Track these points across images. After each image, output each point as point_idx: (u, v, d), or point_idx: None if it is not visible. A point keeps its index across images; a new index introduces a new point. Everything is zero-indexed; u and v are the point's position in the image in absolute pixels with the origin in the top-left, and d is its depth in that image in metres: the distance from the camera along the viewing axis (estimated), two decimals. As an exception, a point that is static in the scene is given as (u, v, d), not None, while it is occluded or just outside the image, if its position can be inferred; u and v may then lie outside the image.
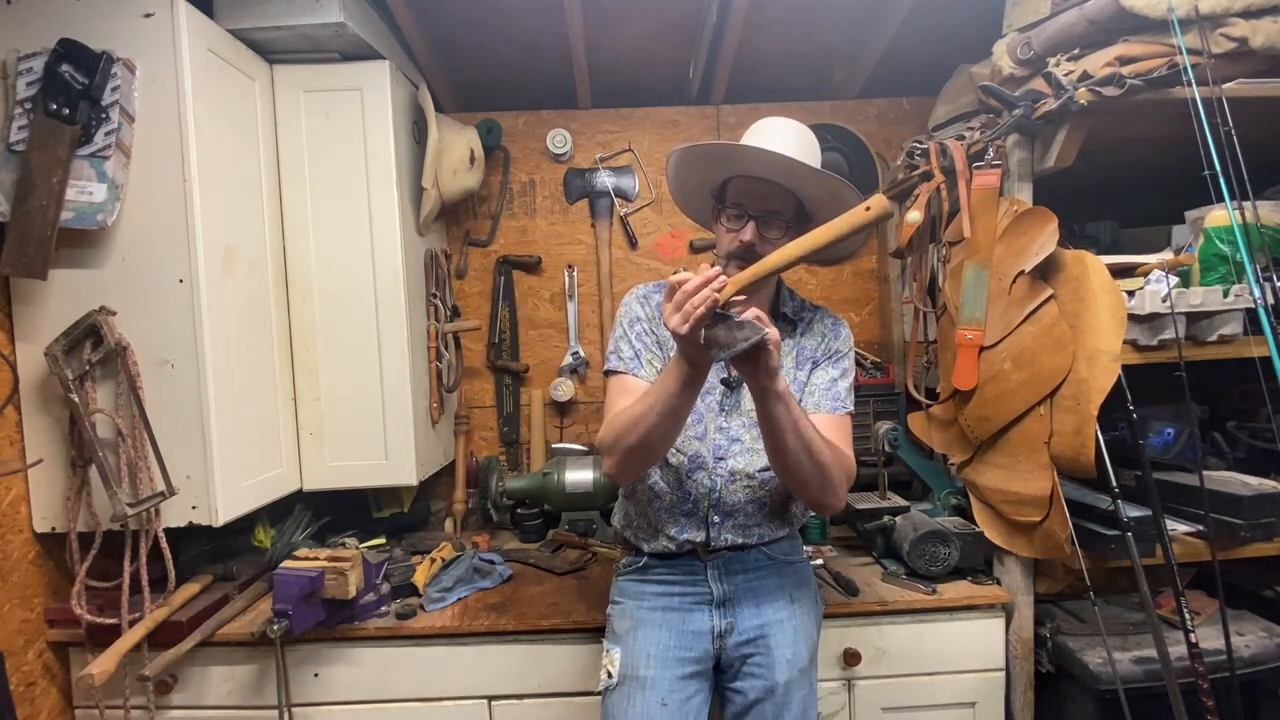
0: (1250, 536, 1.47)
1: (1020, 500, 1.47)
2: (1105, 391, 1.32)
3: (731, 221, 1.24)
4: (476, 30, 1.88)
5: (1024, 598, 1.56)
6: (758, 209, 1.22)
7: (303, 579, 1.42)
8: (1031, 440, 1.44)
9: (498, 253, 2.27)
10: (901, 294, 2.09)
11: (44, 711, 1.49)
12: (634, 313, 1.34)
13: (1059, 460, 1.40)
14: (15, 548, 1.45)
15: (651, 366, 1.28)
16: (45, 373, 1.42)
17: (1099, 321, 1.34)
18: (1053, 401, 1.41)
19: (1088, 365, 1.34)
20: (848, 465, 1.22)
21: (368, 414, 1.80)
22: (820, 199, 1.25)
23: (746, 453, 1.27)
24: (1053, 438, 1.40)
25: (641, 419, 1.12)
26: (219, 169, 1.51)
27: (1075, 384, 1.36)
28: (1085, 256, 1.38)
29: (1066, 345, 1.37)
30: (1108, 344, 1.32)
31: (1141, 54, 1.34)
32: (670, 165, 1.34)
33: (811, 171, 1.19)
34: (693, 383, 1.06)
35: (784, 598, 1.30)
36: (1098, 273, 1.35)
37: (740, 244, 1.21)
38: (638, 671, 1.25)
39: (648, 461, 1.20)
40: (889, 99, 2.26)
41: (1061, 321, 1.39)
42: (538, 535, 2.05)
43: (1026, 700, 1.58)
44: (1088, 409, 1.34)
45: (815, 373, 1.31)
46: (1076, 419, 1.36)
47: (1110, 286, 1.35)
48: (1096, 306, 1.34)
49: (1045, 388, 1.41)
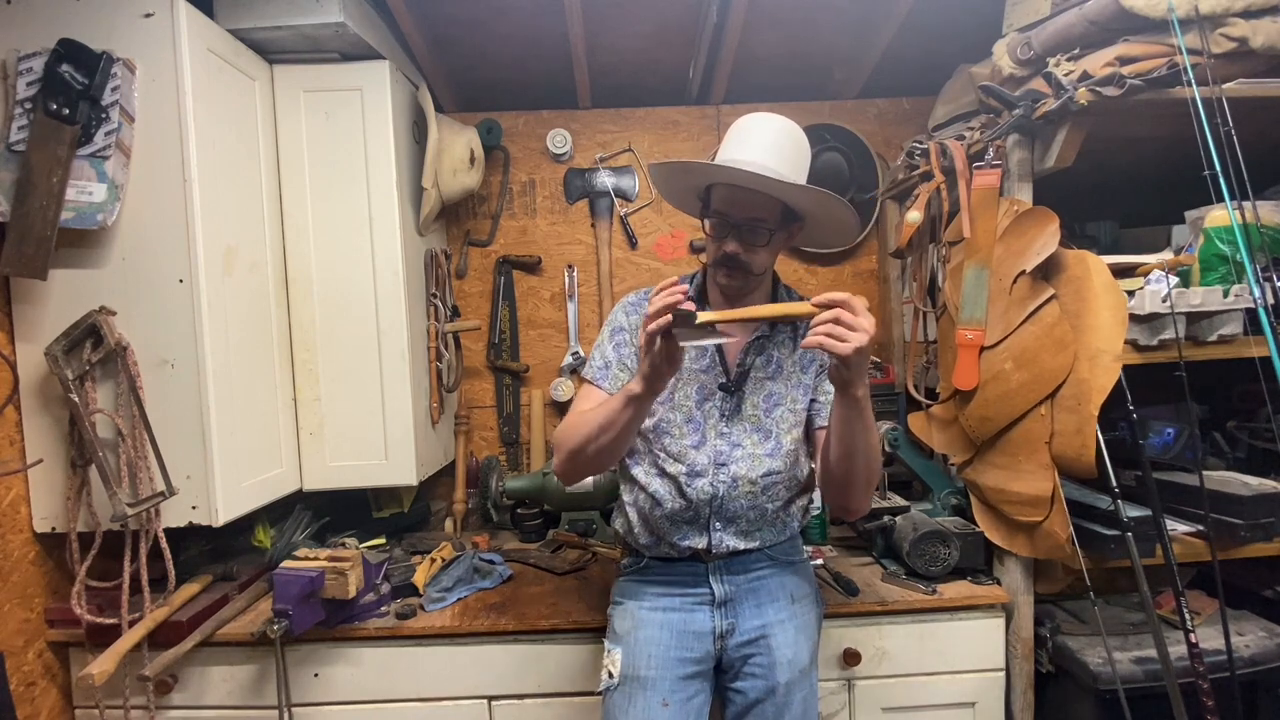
0: (1250, 536, 1.47)
1: (1021, 500, 1.47)
2: (1106, 391, 1.32)
3: (715, 231, 1.23)
4: (476, 30, 1.88)
5: (1024, 598, 1.56)
6: (740, 217, 1.20)
7: (303, 579, 1.42)
8: (1033, 440, 1.44)
9: (498, 253, 2.27)
10: (901, 294, 2.09)
11: (44, 711, 1.49)
12: (617, 321, 1.34)
13: (1060, 460, 1.40)
14: (15, 548, 1.45)
15: (619, 379, 1.29)
16: (45, 373, 1.42)
17: (1100, 321, 1.34)
18: (1054, 401, 1.41)
19: (1089, 365, 1.34)
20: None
21: (368, 414, 1.80)
22: (805, 204, 1.23)
23: (748, 458, 1.27)
24: (1054, 438, 1.40)
25: (583, 425, 1.18)
26: (219, 169, 1.51)
27: (1076, 384, 1.36)
28: (1087, 256, 1.38)
29: (1068, 345, 1.37)
30: (1109, 344, 1.32)
31: (1141, 54, 1.34)
32: (651, 175, 1.34)
33: (784, 186, 1.16)
34: (637, 401, 1.11)
35: (785, 598, 1.30)
36: (1099, 273, 1.35)
37: (724, 254, 1.21)
38: (639, 672, 1.25)
39: (587, 469, 1.25)
40: (889, 99, 2.26)
41: (1063, 321, 1.39)
42: (538, 535, 2.05)
43: (1026, 700, 1.58)
44: (1088, 409, 1.34)
45: (824, 381, 1.30)
46: (1077, 419, 1.36)
47: (1112, 286, 1.35)
48: (1098, 306, 1.34)
49: (1047, 388, 1.41)
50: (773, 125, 1.22)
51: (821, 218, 1.26)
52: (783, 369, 1.29)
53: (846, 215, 1.24)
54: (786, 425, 1.28)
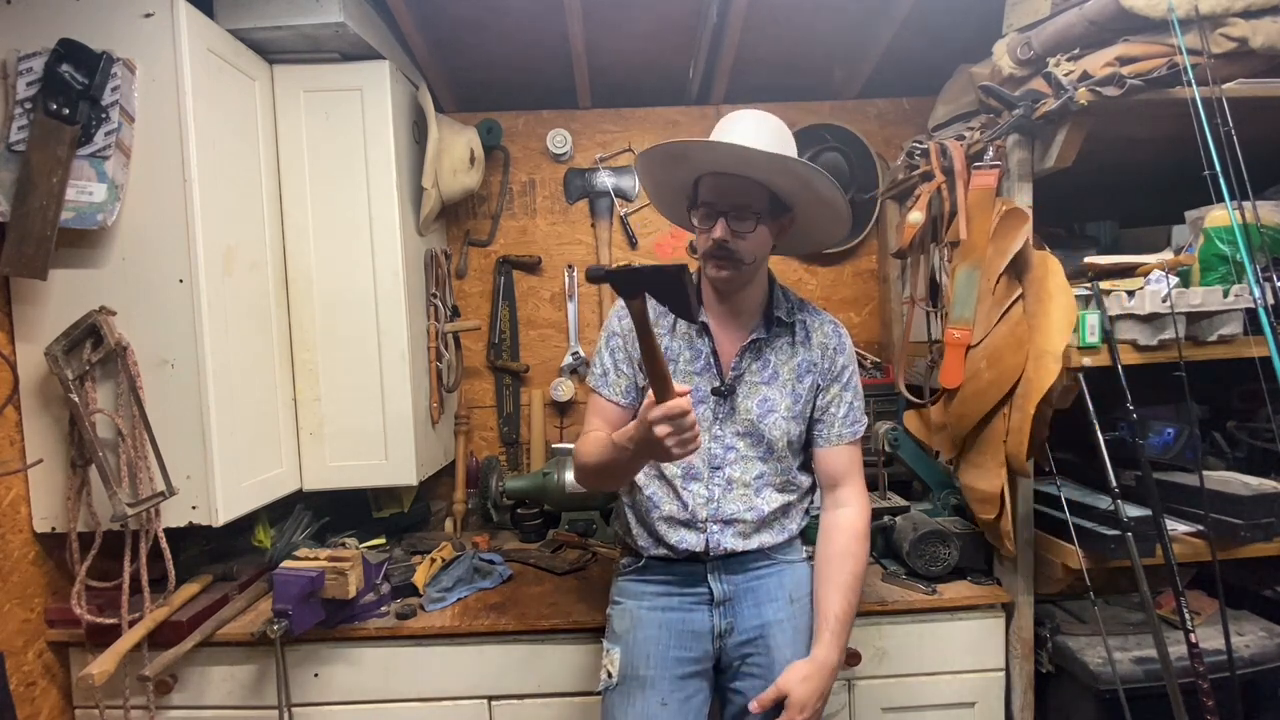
0: (1250, 536, 1.46)
1: (983, 498, 1.49)
2: (1043, 390, 1.33)
3: (703, 221, 1.23)
4: (476, 30, 1.88)
5: (1024, 598, 1.56)
6: (727, 204, 1.21)
7: (303, 579, 1.42)
8: (994, 438, 1.46)
9: (498, 253, 2.27)
10: (901, 294, 2.09)
11: (44, 711, 1.49)
12: (611, 328, 1.34)
13: (1009, 458, 1.42)
14: (15, 548, 1.45)
15: (618, 385, 1.31)
16: (45, 373, 1.42)
17: (1050, 322, 1.35)
18: (1011, 400, 1.42)
19: (1034, 364, 1.36)
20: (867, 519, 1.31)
21: (368, 414, 1.80)
22: (792, 189, 1.24)
23: (742, 460, 1.27)
24: (1008, 435, 1.42)
25: (598, 456, 1.21)
26: (219, 169, 1.51)
27: (1025, 382, 1.38)
28: (1047, 258, 1.39)
29: (1024, 344, 1.39)
30: (1053, 344, 1.33)
31: (1141, 54, 1.34)
32: (639, 172, 1.34)
33: (768, 159, 1.15)
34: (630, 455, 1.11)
35: (783, 598, 1.30)
36: (1055, 274, 1.37)
37: (713, 242, 1.21)
38: (638, 671, 1.25)
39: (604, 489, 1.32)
40: (889, 99, 2.26)
41: (1024, 321, 1.40)
42: (538, 535, 2.05)
43: (1026, 700, 1.58)
44: (1028, 407, 1.35)
45: (828, 396, 1.31)
46: (1020, 416, 1.37)
47: (1064, 288, 1.36)
48: (1051, 307, 1.35)
49: (1007, 385, 1.42)
50: (754, 115, 1.25)
51: (810, 205, 1.26)
52: (779, 375, 1.29)
53: (834, 195, 1.24)
54: (781, 430, 1.27)
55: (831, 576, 1.26)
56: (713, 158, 1.20)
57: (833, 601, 1.24)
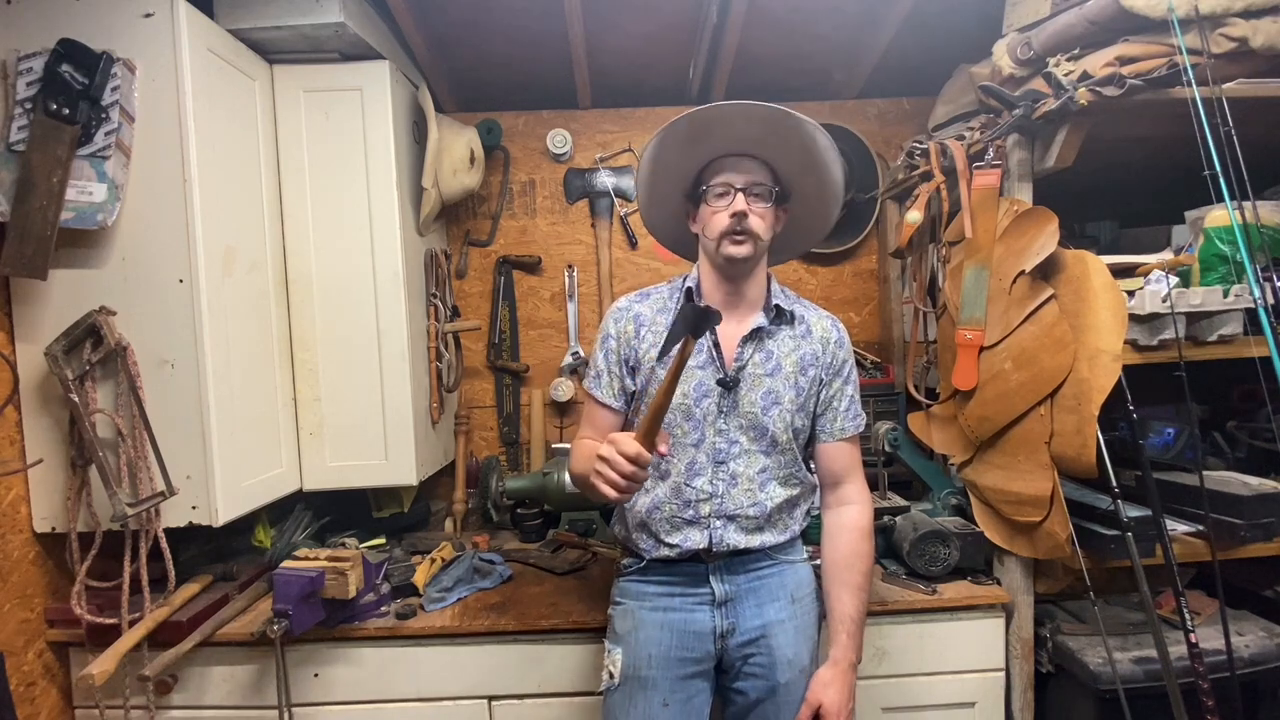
0: (1250, 536, 1.47)
1: (1020, 500, 1.47)
2: (1106, 391, 1.32)
3: (718, 200, 1.24)
4: (476, 30, 1.88)
5: (1024, 598, 1.56)
6: (744, 182, 1.23)
7: (303, 579, 1.42)
8: (1032, 440, 1.44)
9: (498, 253, 2.27)
10: (901, 294, 2.09)
11: (44, 711, 1.49)
12: (606, 329, 1.35)
13: (1060, 460, 1.40)
14: (15, 548, 1.45)
15: (611, 387, 1.32)
16: (45, 373, 1.42)
17: (1100, 321, 1.34)
18: (1053, 401, 1.41)
19: (1089, 365, 1.34)
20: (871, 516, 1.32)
21: (368, 414, 1.80)
22: (792, 173, 1.28)
23: (745, 454, 1.27)
24: (1053, 438, 1.40)
25: (582, 460, 1.22)
26: (219, 169, 1.51)
27: (1076, 384, 1.36)
28: (1086, 256, 1.38)
29: (1067, 345, 1.37)
30: (1109, 344, 1.32)
31: (1141, 54, 1.34)
32: (643, 167, 1.33)
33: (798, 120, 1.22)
34: None
35: (785, 598, 1.30)
36: (1099, 273, 1.36)
37: (734, 215, 1.21)
38: (639, 672, 1.25)
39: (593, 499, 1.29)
40: (889, 99, 2.26)
41: (1062, 321, 1.39)
42: (538, 535, 2.05)
43: (1026, 700, 1.58)
44: (1089, 409, 1.33)
45: (830, 392, 1.31)
46: (1077, 419, 1.36)
47: (1111, 286, 1.35)
48: (1098, 306, 1.34)
49: (1046, 388, 1.41)
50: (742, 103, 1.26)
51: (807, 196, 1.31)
52: (781, 368, 1.29)
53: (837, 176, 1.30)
54: (784, 424, 1.27)
55: (844, 577, 1.27)
56: (742, 122, 1.22)
57: (846, 602, 1.25)
